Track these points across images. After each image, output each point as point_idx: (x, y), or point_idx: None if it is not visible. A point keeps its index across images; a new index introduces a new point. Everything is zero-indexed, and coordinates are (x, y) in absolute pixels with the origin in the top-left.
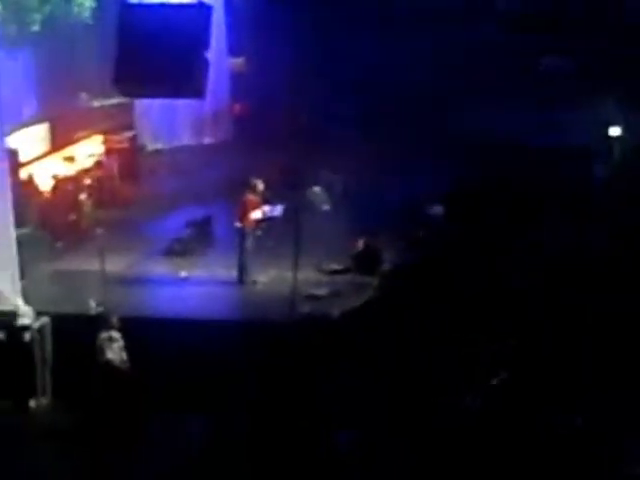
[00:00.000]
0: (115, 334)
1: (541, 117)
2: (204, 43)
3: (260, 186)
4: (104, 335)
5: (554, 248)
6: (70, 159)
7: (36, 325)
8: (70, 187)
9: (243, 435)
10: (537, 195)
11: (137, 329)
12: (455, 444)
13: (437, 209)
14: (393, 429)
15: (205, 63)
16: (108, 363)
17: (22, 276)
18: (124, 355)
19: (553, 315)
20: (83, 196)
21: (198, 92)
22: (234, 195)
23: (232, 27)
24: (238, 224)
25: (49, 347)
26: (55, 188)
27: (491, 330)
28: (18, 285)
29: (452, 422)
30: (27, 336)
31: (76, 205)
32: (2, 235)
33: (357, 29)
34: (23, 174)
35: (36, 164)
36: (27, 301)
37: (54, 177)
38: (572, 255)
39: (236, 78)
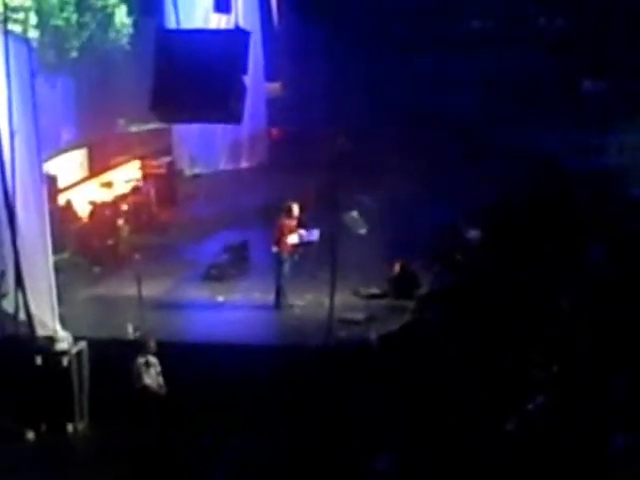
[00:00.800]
0: (152, 359)
1: (581, 138)
2: (241, 68)
3: (296, 210)
4: (141, 360)
5: (596, 271)
6: (108, 184)
7: (74, 350)
8: (108, 212)
9: (282, 460)
10: (576, 217)
11: (174, 354)
12: (496, 469)
13: (474, 233)
14: (432, 454)
15: (242, 88)
16: (145, 388)
17: (60, 301)
18: (161, 380)
19: (595, 339)
20: (121, 221)
21: (235, 117)
22: (271, 219)
23: (269, 51)
24: (275, 248)
25: (87, 372)
26: (93, 213)
27: (530, 354)
28: (56, 310)
29: (493, 447)
30: (65, 361)
31: (114, 230)
32: (40, 261)
33: (396, 52)
34: (61, 200)
35: (74, 190)
36: (65, 326)
37: (92, 203)
38: (614, 280)
39: (273, 102)
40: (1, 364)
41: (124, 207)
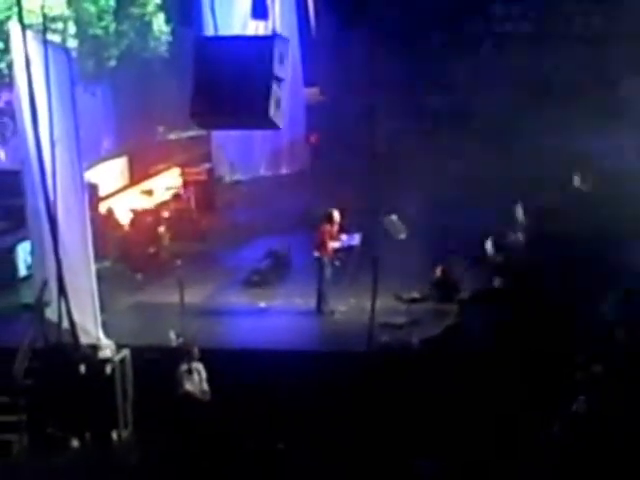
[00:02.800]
0: (196, 365)
1: (618, 139)
2: (280, 74)
3: (337, 215)
4: (183, 367)
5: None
6: (148, 192)
7: (117, 358)
8: (149, 220)
9: (327, 464)
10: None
11: (216, 360)
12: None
13: (516, 235)
14: (477, 458)
15: (281, 94)
16: (187, 395)
17: (102, 309)
18: (205, 386)
19: (633, 340)
20: (162, 229)
21: (274, 123)
22: (311, 225)
23: (307, 57)
24: (316, 254)
25: (130, 379)
26: (134, 221)
27: (573, 356)
28: (99, 318)
29: (540, 451)
30: (108, 369)
31: (155, 237)
32: (82, 269)
33: (435, 56)
34: (103, 208)
35: (115, 198)
36: (108, 334)
37: (133, 210)
38: None
39: (312, 108)
40: (45, 372)
41: (165, 214)
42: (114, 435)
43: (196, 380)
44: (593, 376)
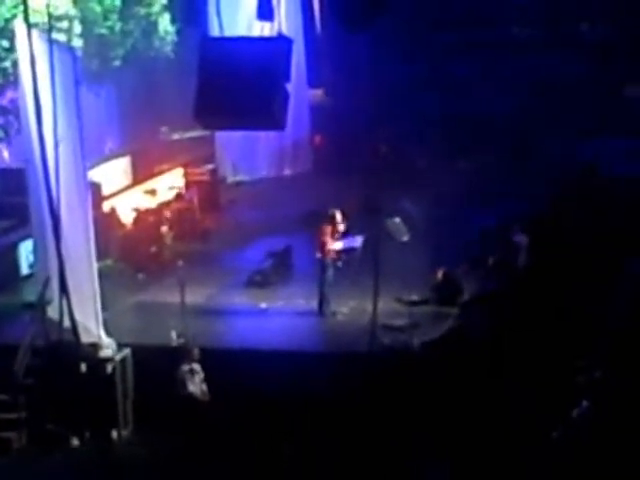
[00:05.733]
0: (196, 366)
1: (623, 145)
2: (284, 75)
3: (339, 217)
4: (185, 367)
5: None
6: (151, 192)
7: (118, 357)
8: (151, 219)
9: (331, 466)
10: (621, 223)
11: (217, 361)
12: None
13: (520, 237)
14: (479, 463)
15: (285, 95)
16: (190, 396)
17: (104, 308)
18: (204, 387)
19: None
20: (164, 228)
21: (278, 124)
22: (314, 226)
23: (311, 58)
24: (318, 255)
25: (131, 379)
26: (137, 220)
27: (574, 361)
28: (100, 317)
29: (542, 455)
30: (109, 368)
31: (157, 237)
32: (85, 268)
33: (439, 59)
34: (106, 207)
35: (118, 197)
36: (109, 333)
37: (135, 210)
38: None
39: (316, 109)
40: (46, 371)
41: (167, 214)
42: (114, 434)
43: (197, 381)
44: (594, 381)
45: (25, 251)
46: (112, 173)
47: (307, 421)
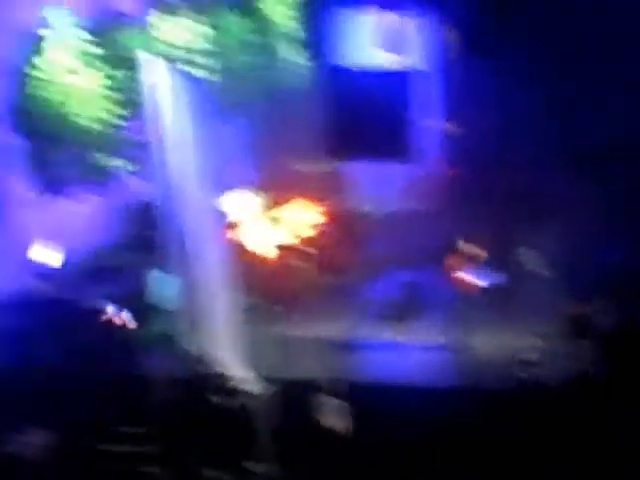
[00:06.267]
0: (336, 400)
1: None
2: (416, 107)
3: (473, 250)
4: (324, 400)
5: None
6: (283, 224)
7: (257, 390)
8: (286, 252)
9: None
10: None
11: (356, 394)
12: None
13: None
14: None
15: (417, 127)
16: (330, 430)
17: (240, 340)
18: (347, 421)
19: None
20: (299, 261)
21: (410, 156)
22: (447, 259)
23: (444, 90)
24: (451, 288)
25: (273, 413)
26: (271, 253)
27: None
28: (238, 350)
29: None
30: (249, 401)
31: (292, 270)
32: (220, 299)
33: (576, 90)
34: (235, 237)
35: (251, 228)
36: (248, 365)
37: (269, 242)
38: None
39: (449, 141)
40: (185, 405)
41: (302, 246)
42: (254, 467)
43: (337, 415)
44: None
45: (159, 283)
46: (244, 204)
47: (443, 456)
